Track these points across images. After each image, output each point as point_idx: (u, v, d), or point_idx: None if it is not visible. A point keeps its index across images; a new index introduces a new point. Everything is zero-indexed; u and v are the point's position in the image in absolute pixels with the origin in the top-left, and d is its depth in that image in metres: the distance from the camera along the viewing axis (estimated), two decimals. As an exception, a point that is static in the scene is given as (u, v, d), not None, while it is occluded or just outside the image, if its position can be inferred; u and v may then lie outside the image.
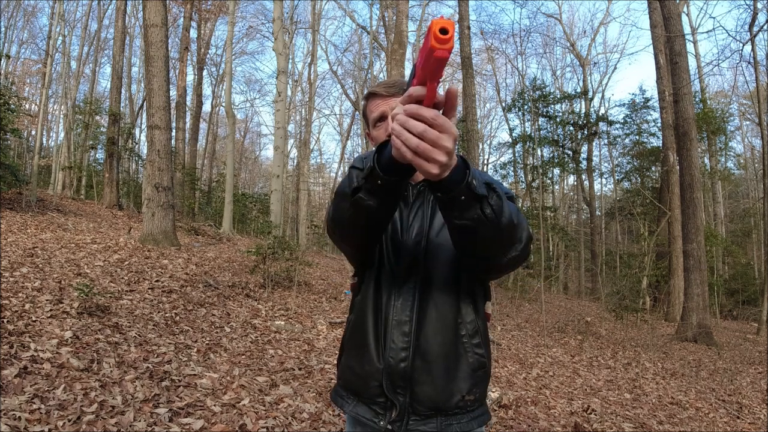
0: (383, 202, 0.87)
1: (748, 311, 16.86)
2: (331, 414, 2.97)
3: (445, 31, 0.61)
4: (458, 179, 0.76)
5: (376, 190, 0.83)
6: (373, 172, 0.81)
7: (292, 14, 19.08)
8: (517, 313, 9.55)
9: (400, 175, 0.81)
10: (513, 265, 0.94)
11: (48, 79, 13.29)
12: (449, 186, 0.77)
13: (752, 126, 23.84)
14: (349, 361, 1.11)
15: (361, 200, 0.86)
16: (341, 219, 0.96)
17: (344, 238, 1.04)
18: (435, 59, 0.63)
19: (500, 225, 0.82)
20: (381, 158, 0.81)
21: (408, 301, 1.04)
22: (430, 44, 0.62)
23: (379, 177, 0.81)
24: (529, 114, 20.31)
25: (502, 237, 0.85)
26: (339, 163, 27.75)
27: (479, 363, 1.06)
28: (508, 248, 0.90)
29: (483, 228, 0.82)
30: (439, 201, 0.82)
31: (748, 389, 5.71)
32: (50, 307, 3.61)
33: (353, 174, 0.88)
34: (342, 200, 0.91)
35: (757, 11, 9.42)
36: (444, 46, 0.62)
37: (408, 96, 0.70)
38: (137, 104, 19.46)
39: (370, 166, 0.82)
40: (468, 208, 0.79)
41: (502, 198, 0.82)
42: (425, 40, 0.65)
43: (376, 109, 1.12)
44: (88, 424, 2.22)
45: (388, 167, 0.79)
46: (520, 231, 0.89)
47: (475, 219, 0.80)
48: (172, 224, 7.71)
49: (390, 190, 0.84)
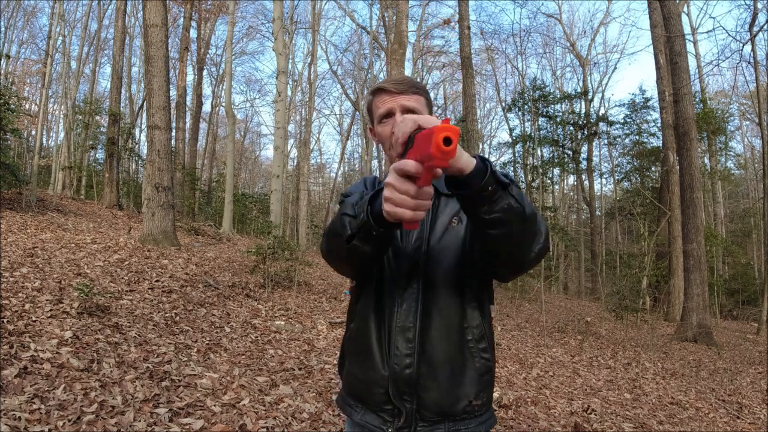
0: (378, 247, 0.91)
1: (748, 311, 16.86)
2: (331, 414, 2.97)
3: (449, 141, 0.61)
4: (482, 172, 0.77)
5: (370, 239, 0.87)
6: (367, 224, 0.85)
7: (292, 14, 19.08)
8: (517, 313, 9.54)
9: (394, 226, 0.84)
10: (538, 259, 0.92)
11: (48, 79, 13.30)
12: (475, 179, 0.77)
13: (752, 126, 23.85)
14: (353, 369, 1.10)
15: (357, 247, 0.90)
16: (336, 258, 1.01)
17: (340, 270, 1.09)
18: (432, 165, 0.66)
19: (526, 215, 0.82)
20: (373, 210, 0.85)
21: (411, 306, 1.03)
22: (431, 151, 0.62)
23: (373, 228, 0.85)
24: (529, 114, 20.31)
25: (528, 228, 0.85)
26: (339, 163, 27.74)
27: (486, 367, 1.05)
28: (533, 241, 0.89)
29: (513, 219, 0.81)
30: (468, 200, 0.82)
31: (748, 389, 5.71)
32: (50, 307, 3.61)
33: (346, 221, 0.91)
34: (336, 242, 0.95)
35: (757, 11, 9.42)
36: (445, 157, 0.63)
37: (403, 170, 0.73)
38: (137, 104, 19.46)
39: (363, 219, 0.85)
40: (497, 199, 0.79)
41: (520, 188, 0.83)
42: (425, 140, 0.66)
43: (383, 105, 1.11)
44: (88, 424, 2.22)
45: (381, 219, 0.82)
46: (539, 222, 0.89)
47: (505, 210, 0.80)
48: (172, 224, 7.71)
49: (384, 238, 0.87)
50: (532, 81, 21.20)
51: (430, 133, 0.64)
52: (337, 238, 0.94)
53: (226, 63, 15.09)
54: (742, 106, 23.45)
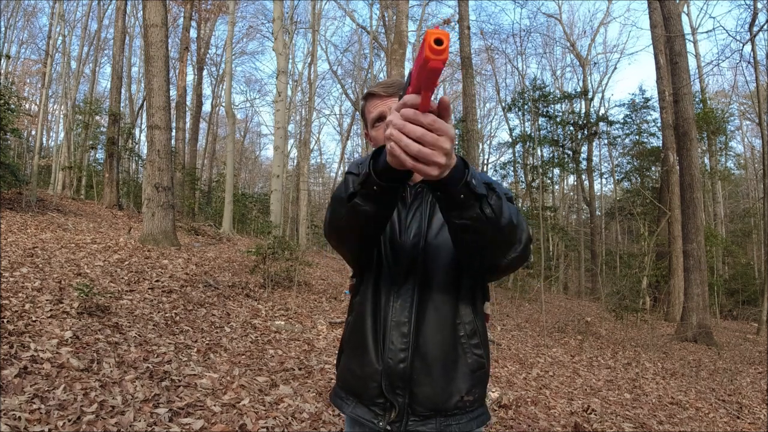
0: (380, 206, 0.87)
1: (748, 311, 16.85)
2: (331, 414, 2.97)
3: (440, 41, 0.61)
4: (457, 178, 0.77)
5: (372, 195, 0.84)
6: (369, 178, 0.82)
7: (292, 14, 19.07)
8: (517, 313, 9.54)
9: (397, 181, 0.81)
10: (513, 266, 0.94)
11: (48, 79, 13.30)
12: (449, 185, 0.77)
13: (752, 126, 23.86)
14: (348, 363, 1.11)
15: (358, 206, 0.86)
16: (338, 223, 0.96)
17: (342, 241, 1.05)
18: (429, 69, 0.64)
19: (500, 225, 0.82)
20: (377, 164, 0.82)
21: (407, 302, 1.04)
22: (425, 54, 0.62)
23: (375, 183, 0.81)
24: (529, 114, 20.31)
25: (502, 237, 0.86)
26: (339, 163, 27.80)
27: (478, 364, 1.06)
28: (508, 249, 0.90)
29: (483, 228, 0.82)
30: (439, 201, 0.82)
31: (748, 389, 5.71)
32: (50, 307, 3.61)
33: (349, 179, 0.89)
34: (339, 205, 0.92)
35: (757, 11, 9.42)
36: (438, 57, 0.62)
37: (402, 104, 0.70)
38: (137, 104, 19.46)
39: (365, 172, 0.82)
40: (467, 207, 0.79)
41: (501, 198, 0.82)
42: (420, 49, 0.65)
43: (375, 109, 1.12)
44: (88, 424, 2.22)
45: (384, 173, 0.80)
46: (520, 232, 0.89)
47: (474, 218, 0.80)
48: (172, 224, 7.71)
49: (386, 195, 0.84)
50: (532, 81, 21.19)
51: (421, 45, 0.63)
52: (338, 202, 0.91)
53: (226, 63, 15.09)
54: (742, 106, 23.46)
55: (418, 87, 0.68)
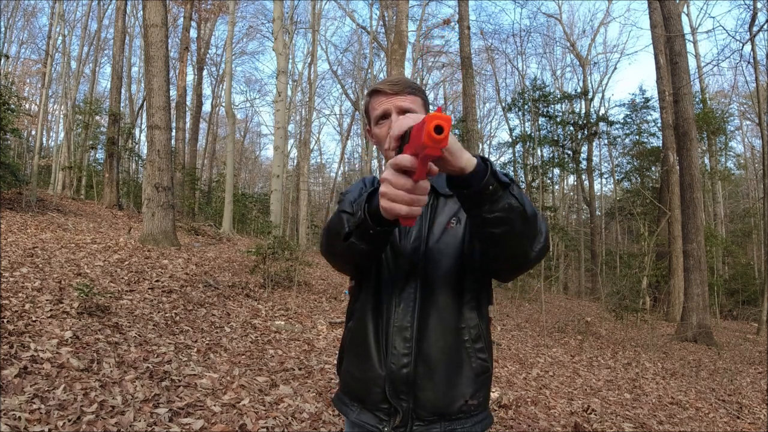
0: (375, 245, 0.91)
1: (748, 311, 16.85)
2: (331, 414, 2.97)
3: (441, 130, 0.61)
4: (483, 171, 0.78)
5: (367, 237, 0.88)
6: (364, 222, 0.85)
7: (292, 14, 19.07)
8: (517, 313, 9.55)
9: (391, 224, 0.84)
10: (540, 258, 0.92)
11: (48, 79, 13.30)
12: (477, 178, 0.78)
13: (752, 126, 23.85)
14: (351, 368, 1.10)
15: (354, 244, 0.90)
16: (334, 254, 1.01)
17: (339, 267, 1.09)
18: (425, 154, 0.66)
19: (527, 214, 0.83)
20: (371, 207, 0.85)
21: (409, 306, 1.03)
22: (423, 140, 0.62)
23: (370, 227, 0.85)
24: (529, 114, 20.30)
25: (529, 227, 0.85)
26: (339, 163, 27.78)
27: (482, 368, 1.05)
28: (534, 240, 0.89)
29: (515, 218, 0.82)
30: (468, 199, 0.82)
31: (748, 389, 5.71)
32: (50, 307, 3.61)
33: (344, 218, 0.91)
34: (334, 239, 0.95)
35: (756, 11, 9.42)
36: (437, 146, 0.63)
37: (399, 165, 0.73)
38: (137, 104, 19.46)
39: (360, 217, 0.86)
40: (497, 199, 0.80)
41: (521, 188, 0.83)
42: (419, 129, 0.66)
43: (379, 106, 1.11)
44: (88, 424, 2.21)
45: (377, 216, 0.82)
46: (540, 221, 0.89)
47: (506, 209, 0.80)
48: (172, 224, 7.71)
49: (381, 236, 0.87)
50: (532, 81, 21.19)
51: (422, 123, 0.64)
52: (335, 236, 0.94)
53: (226, 63, 15.09)
54: (742, 106, 23.47)
55: (416, 153, 0.70)
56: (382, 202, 0.76)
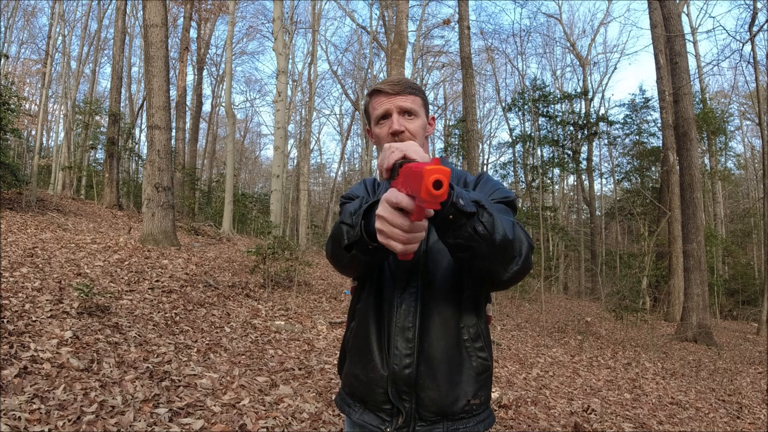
0: (376, 257, 0.93)
1: (748, 311, 16.85)
2: (331, 414, 2.97)
3: (439, 185, 0.60)
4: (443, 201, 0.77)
5: (367, 251, 0.90)
6: (362, 239, 0.88)
7: (292, 14, 19.07)
8: (517, 313, 9.55)
9: None
10: (515, 279, 0.92)
11: (48, 79, 13.30)
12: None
13: (752, 126, 23.85)
14: (353, 369, 1.10)
15: (356, 255, 0.93)
16: (339, 261, 1.03)
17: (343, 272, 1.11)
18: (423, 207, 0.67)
19: (494, 241, 0.82)
20: (368, 226, 0.86)
21: (411, 306, 1.03)
22: (421, 195, 0.61)
23: (368, 244, 0.87)
24: (529, 114, 20.31)
25: (498, 253, 0.85)
26: (339, 163, 27.80)
27: (483, 367, 1.06)
28: (508, 263, 0.89)
29: (477, 246, 0.82)
30: (432, 223, 0.83)
31: (748, 389, 5.71)
32: (50, 307, 3.61)
33: (344, 231, 0.93)
34: (338, 249, 0.97)
35: (756, 11, 9.42)
36: (436, 200, 0.62)
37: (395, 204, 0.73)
38: (137, 104, 19.46)
39: (358, 234, 0.88)
40: (459, 227, 0.81)
41: (493, 215, 0.82)
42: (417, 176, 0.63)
43: (380, 106, 1.11)
44: (88, 424, 2.21)
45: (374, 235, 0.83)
46: (519, 244, 0.88)
47: (467, 237, 0.81)
48: (172, 224, 7.71)
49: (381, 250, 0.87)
50: (532, 81, 21.20)
51: (419, 173, 0.62)
52: (338, 246, 0.96)
53: (226, 63, 15.09)
54: (742, 106, 23.47)
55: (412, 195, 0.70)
56: (378, 236, 0.78)
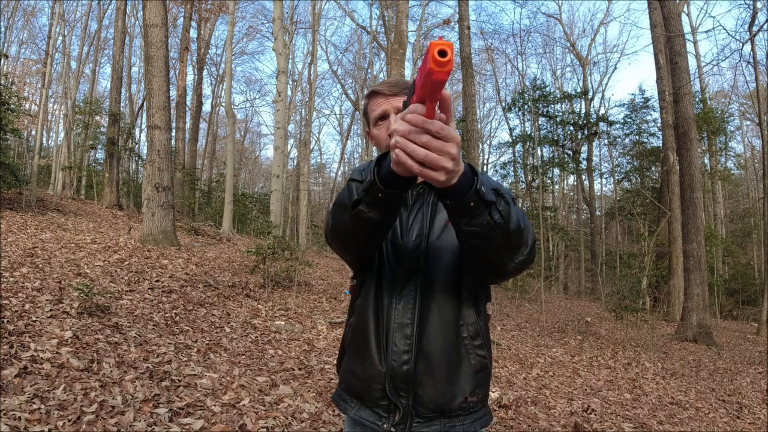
0: (384, 213, 0.87)
1: (748, 311, 16.85)
2: (331, 414, 2.97)
3: (444, 53, 0.61)
4: (467, 186, 0.77)
5: (376, 202, 0.84)
6: (374, 185, 0.82)
7: (292, 14, 19.08)
8: (517, 313, 9.55)
9: (401, 187, 0.81)
10: (520, 269, 0.93)
11: (48, 79, 13.31)
12: (458, 193, 0.77)
13: (752, 126, 23.85)
14: (351, 365, 1.11)
15: (362, 213, 0.86)
16: (341, 230, 0.97)
17: (344, 247, 1.04)
18: (433, 81, 0.64)
19: (509, 230, 0.82)
20: (381, 171, 0.82)
21: (409, 303, 1.04)
22: (429, 66, 0.62)
23: (379, 190, 0.81)
24: (529, 114, 20.31)
25: (510, 242, 0.86)
26: (339, 163, 27.81)
27: (481, 364, 1.06)
28: (515, 253, 0.89)
29: (492, 234, 0.82)
30: (448, 208, 0.82)
31: (748, 389, 5.71)
32: (50, 307, 3.61)
33: (353, 186, 0.88)
34: (342, 212, 0.92)
35: (756, 11, 9.43)
36: (442, 69, 0.62)
37: (407, 112, 0.70)
38: (137, 104, 19.46)
39: (370, 179, 0.82)
40: (477, 214, 0.80)
41: (509, 203, 0.83)
42: (424, 60, 0.65)
43: (378, 107, 1.11)
44: (88, 424, 2.21)
45: (388, 180, 0.80)
46: (526, 235, 0.89)
47: (484, 225, 0.81)
48: (172, 224, 7.71)
49: (391, 201, 0.84)
50: (532, 81, 21.21)
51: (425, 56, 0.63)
52: (342, 208, 0.92)
53: (226, 63, 15.09)
54: (742, 106, 23.46)
55: (423, 97, 0.68)
56: (393, 154, 0.71)
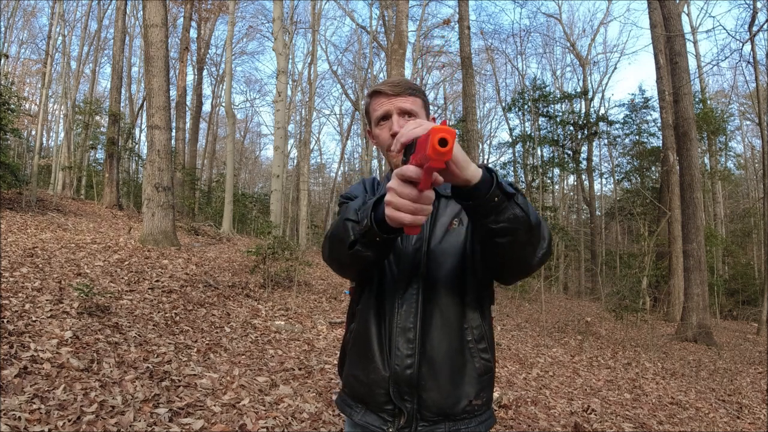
0: (381, 252, 0.92)
1: (748, 311, 16.84)
2: (331, 414, 2.97)
3: (445, 142, 0.62)
4: (488, 182, 0.79)
5: (373, 244, 0.88)
6: (371, 230, 0.86)
7: (292, 14, 19.08)
8: (517, 313, 9.55)
9: (396, 232, 0.85)
10: (542, 263, 0.94)
11: (48, 79, 13.30)
12: (482, 190, 0.78)
13: (752, 126, 23.84)
14: (354, 370, 1.10)
15: (359, 252, 0.91)
16: (339, 263, 1.01)
17: (342, 273, 1.09)
18: (429, 167, 0.67)
19: (531, 222, 0.84)
20: (376, 216, 0.85)
21: (411, 307, 1.03)
22: (428, 152, 0.63)
23: (376, 234, 0.86)
24: (529, 114, 20.31)
25: (533, 235, 0.87)
26: (339, 163, 27.80)
27: (486, 368, 1.06)
28: (537, 246, 0.90)
29: (519, 227, 0.83)
30: (474, 210, 0.83)
31: (748, 389, 5.71)
32: (50, 307, 3.61)
33: (349, 227, 0.92)
34: (339, 247, 0.95)
35: (756, 11, 9.43)
36: (440, 158, 0.64)
37: (404, 175, 0.73)
38: (137, 104, 19.45)
39: (367, 224, 0.86)
40: (502, 210, 0.81)
41: (525, 197, 0.84)
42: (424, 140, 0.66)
43: (380, 107, 1.11)
44: (88, 424, 2.21)
45: (383, 224, 0.83)
46: (544, 227, 0.90)
47: (511, 219, 0.82)
48: (172, 224, 7.71)
49: (388, 243, 0.87)
50: (532, 81, 21.21)
51: (426, 134, 0.65)
52: (339, 244, 0.95)
53: (226, 63, 15.09)
54: (742, 106, 23.46)
55: (421, 164, 0.71)
56: (387, 211, 0.77)
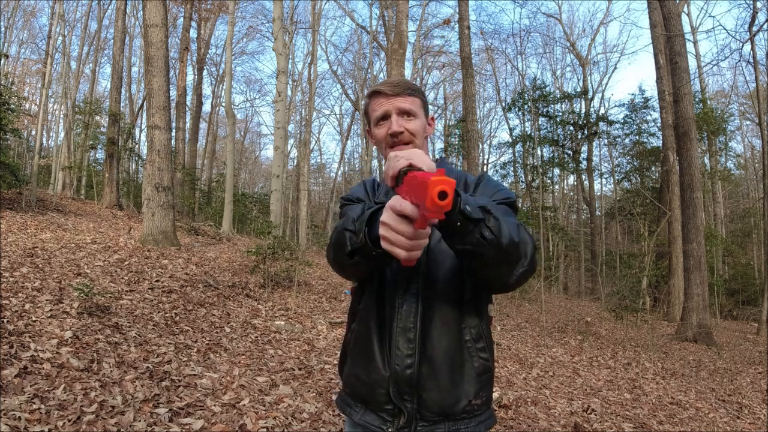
0: (380, 262, 0.93)
1: (748, 311, 16.84)
2: (331, 414, 2.97)
3: (444, 195, 0.61)
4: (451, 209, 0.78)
5: (370, 257, 0.90)
6: (366, 246, 0.88)
7: (292, 14, 19.08)
8: (517, 313, 9.55)
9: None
10: (522, 281, 0.93)
11: (48, 79, 13.29)
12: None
13: (752, 126, 23.84)
14: (355, 369, 1.11)
15: (359, 262, 0.94)
16: (342, 267, 1.03)
17: (345, 276, 1.12)
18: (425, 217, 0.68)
19: (502, 246, 0.83)
20: (371, 233, 0.86)
21: (412, 307, 1.04)
22: (426, 204, 0.62)
23: (372, 249, 0.88)
24: (529, 114, 20.31)
25: (505, 257, 0.86)
26: (339, 163, 27.81)
27: (484, 367, 1.06)
28: (515, 266, 0.90)
29: (485, 251, 0.83)
30: (439, 230, 0.85)
31: (748, 389, 5.71)
32: (50, 307, 3.61)
33: (347, 237, 0.93)
34: (341, 255, 0.97)
35: (756, 10, 9.43)
36: (440, 211, 0.63)
37: (400, 212, 0.74)
38: (137, 104, 19.46)
39: (362, 241, 0.88)
40: (466, 233, 0.81)
41: (499, 219, 0.83)
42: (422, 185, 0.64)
43: (379, 107, 1.12)
44: (88, 424, 2.21)
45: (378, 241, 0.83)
46: (524, 246, 0.89)
47: (475, 243, 0.82)
48: (172, 224, 7.70)
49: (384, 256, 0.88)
50: (532, 81, 21.21)
51: (424, 183, 0.63)
52: (340, 252, 0.96)
53: (226, 63, 15.08)
54: (742, 106, 23.46)
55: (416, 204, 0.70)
56: (382, 242, 0.78)
